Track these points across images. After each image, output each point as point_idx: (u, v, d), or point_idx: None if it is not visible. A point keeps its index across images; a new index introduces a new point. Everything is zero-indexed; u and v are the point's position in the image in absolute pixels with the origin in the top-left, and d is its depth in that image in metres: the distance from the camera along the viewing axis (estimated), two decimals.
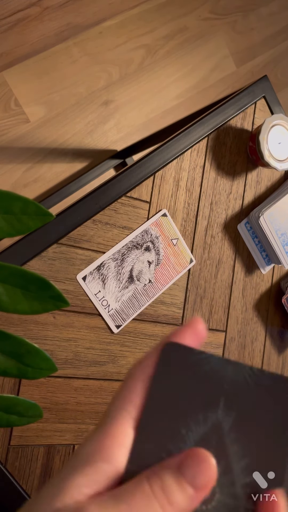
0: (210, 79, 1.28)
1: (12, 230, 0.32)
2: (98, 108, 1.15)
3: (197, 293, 0.63)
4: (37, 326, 0.52)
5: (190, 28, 1.25)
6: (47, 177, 1.10)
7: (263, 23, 1.35)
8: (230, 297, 0.66)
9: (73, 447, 0.54)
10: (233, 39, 1.31)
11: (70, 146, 1.12)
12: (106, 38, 1.15)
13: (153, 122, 1.21)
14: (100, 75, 1.15)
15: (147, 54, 1.20)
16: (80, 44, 1.13)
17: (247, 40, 1.33)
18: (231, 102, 0.64)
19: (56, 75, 1.11)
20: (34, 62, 1.09)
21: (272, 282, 0.70)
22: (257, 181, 0.67)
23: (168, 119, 1.22)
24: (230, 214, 0.65)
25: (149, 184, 0.58)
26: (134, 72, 1.19)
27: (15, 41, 1.07)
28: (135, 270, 0.58)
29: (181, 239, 0.61)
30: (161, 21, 1.21)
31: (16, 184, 1.07)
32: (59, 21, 1.11)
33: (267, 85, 0.66)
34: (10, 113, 1.07)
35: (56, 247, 0.53)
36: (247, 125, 0.66)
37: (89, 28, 1.14)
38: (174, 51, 1.23)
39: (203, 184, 0.63)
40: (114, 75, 1.17)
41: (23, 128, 1.08)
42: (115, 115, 1.17)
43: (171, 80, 1.23)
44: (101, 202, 0.55)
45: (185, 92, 1.25)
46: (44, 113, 1.10)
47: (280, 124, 0.62)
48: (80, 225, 0.54)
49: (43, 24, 1.09)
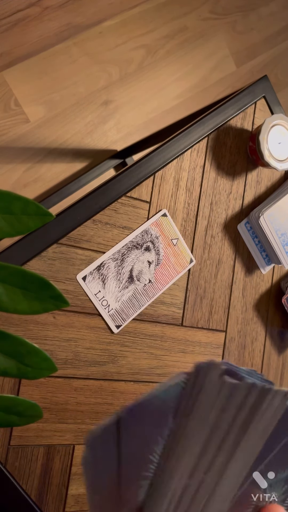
0: (210, 79, 1.28)
1: (12, 230, 0.32)
2: (98, 108, 1.15)
3: (197, 293, 0.63)
4: (37, 326, 0.52)
5: (190, 28, 1.25)
6: (47, 177, 1.10)
7: (263, 23, 1.35)
8: (230, 297, 0.66)
9: (73, 447, 0.54)
10: (233, 39, 1.31)
11: (70, 146, 1.12)
12: (106, 38, 1.15)
13: (153, 122, 1.21)
14: (100, 75, 1.15)
15: (147, 54, 1.20)
16: (80, 44, 1.13)
17: (247, 40, 1.33)
18: (231, 102, 0.64)
19: (56, 75, 1.11)
20: (34, 62, 1.09)
21: (272, 282, 0.70)
22: (257, 181, 0.67)
23: (168, 119, 1.22)
24: (230, 214, 0.65)
25: (149, 184, 0.58)
26: (134, 72, 1.19)
27: (15, 41, 1.07)
28: (135, 270, 0.58)
29: (181, 239, 0.61)
30: (161, 21, 1.21)
31: (16, 184, 1.07)
32: (59, 21, 1.11)
33: (267, 85, 0.66)
34: (10, 113, 1.07)
35: (56, 247, 0.53)
36: (247, 125, 0.66)
37: (89, 28, 1.14)
38: (174, 51, 1.23)
39: (203, 184, 0.63)
40: (114, 75, 1.17)
41: (23, 128, 1.08)
42: (115, 115, 1.17)
43: (171, 80, 1.23)
44: (101, 202, 0.55)
45: (185, 92, 1.25)
46: (44, 113, 1.10)
47: (280, 124, 0.62)
48: (80, 225, 0.54)
49: (43, 24, 1.09)
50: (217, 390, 0.22)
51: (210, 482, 0.22)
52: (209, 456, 0.22)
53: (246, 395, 0.22)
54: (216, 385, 0.22)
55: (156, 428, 0.23)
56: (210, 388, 0.22)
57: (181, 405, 0.23)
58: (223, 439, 0.22)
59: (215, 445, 0.22)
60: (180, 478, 0.22)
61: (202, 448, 0.22)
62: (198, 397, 0.22)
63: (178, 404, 0.23)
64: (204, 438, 0.22)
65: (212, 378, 0.22)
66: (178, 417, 0.23)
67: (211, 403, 0.22)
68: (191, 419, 0.23)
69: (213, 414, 0.22)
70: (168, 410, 0.23)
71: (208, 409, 0.22)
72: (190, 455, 0.22)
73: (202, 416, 0.22)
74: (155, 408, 0.22)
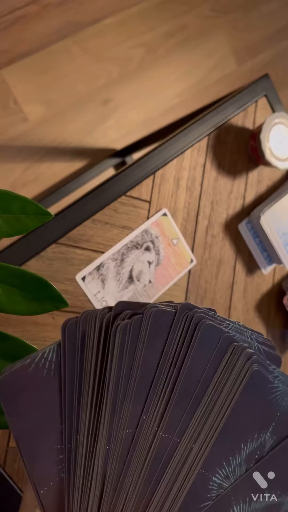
0: (211, 78, 1.28)
1: (11, 230, 0.31)
2: (97, 106, 1.15)
3: (197, 294, 0.62)
4: (36, 327, 0.51)
5: (190, 26, 1.24)
6: (46, 176, 1.09)
7: (264, 21, 1.35)
8: (231, 297, 0.65)
9: None
10: (234, 37, 1.30)
11: (70, 145, 1.12)
12: (105, 36, 1.15)
13: (153, 120, 1.20)
14: (100, 74, 1.15)
15: (147, 53, 1.19)
16: (79, 42, 1.12)
17: (248, 38, 1.33)
18: (232, 101, 0.63)
19: (55, 74, 1.10)
20: (33, 61, 1.08)
21: (273, 283, 0.69)
22: (258, 180, 0.67)
23: (168, 118, 1.21)
24: (231, 213, 0.65)
25: (149, 183, 0.58)
26: (134, 71, 1.18)
27: (14, 39, 1.06)
28: (135, 270, 0.57)
29: (182, 238, 0.61)
30: (161, 19, 1.20)
31: (15, 184, 1.06)
32: (59, 19, 1.10)
33: (268, 84, 0.66)
34: (9, 111, 1.06)
35: (55, 247, 0.52)
36: (248, 124, 0.65)
37: (89, 26, 1.13)
38: (175, 49, 1.23)
39: (204, 183, 0.62)
40: (114, 74, 1.16)
41: (22, 126, 1.07)
42: (114, 114, 1.16)
43: (172, 79, 1.23)
44: (100, 202, 0.55)
45: (185, 91, 1.25)
46: (43, 112, 1.09)
47: (282, 123, 0.61)
48: (79, 224, 0.53)
49: (42, 22, 1.08)
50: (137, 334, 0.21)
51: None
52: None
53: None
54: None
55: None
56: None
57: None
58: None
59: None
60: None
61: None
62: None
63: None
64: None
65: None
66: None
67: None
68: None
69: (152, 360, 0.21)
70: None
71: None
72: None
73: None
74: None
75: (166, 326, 0.22)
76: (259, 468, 0.20)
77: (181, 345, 0.21)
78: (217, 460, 0.20)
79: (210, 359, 0.21)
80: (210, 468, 0.20)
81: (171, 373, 0.21)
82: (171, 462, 0.20)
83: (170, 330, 0.22)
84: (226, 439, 0.20)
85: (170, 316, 0.22)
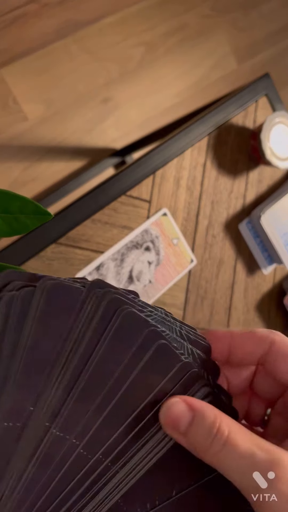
0: (211, 77, 1.27)
1: (10, 230, 0.31)
2: (97, 105, 1.14)
3: (198, 294, 0.62)
4: None
5: (190, 25, 1.24)
6: (45, 176, 1.09)
7: (264, 20, 1.34)
8: (231, 297, 0.65)
9: None
10: (234, 36, 1.30)
11: (69, 144, 1.11)
12: (105, 35, 1.14)
13: (153, 120, 1.20)
14: (100, 73, 1.14)
15: (147, 52, 1.19)
16: (79, 41, 1.12)
17: (248, 37, 1.32)
18: (232, 100, 0.63)
19: (55, 73, 1.10)
20: (33, 60, 1.08)
21: (274, 283, 0.69)
22: (258, 179, 0.66)
23: (168, 117, 1.21)
24: (231, 213, 0.64)
25: (149, 183, 0.58)
26: (133, 70, 1.18)
27: (13, 39, 1.06)
28: (135, 270, 0.57)
29: (182, 238, 0.60)
30: (161, 18, 1.20)
31: (14, 183, 1.06)
32: (58, 18, 1.10)
33: (269, 83, 0.65)
34: (8, 111, 1.06)
35: (54, 247, 0.52)
36: (248, 123, 0.65)
37: (89, 25, 1.13)
38: (175, 48, 1.22)
39: (204, 183, 0.62)
40: (114, 73, 1.16)
41: (22, 126, 1.07)
42: (114, 113, 1.16)
43: (172, 78, 1.23)
44: (100, 201, 0.54)
45: (185, 90, 1.24)
46: (42, 111, 1.09)
47: (282, 122, 0.61)
48: (79, 224, 0.53)
49: (42, 21, 1.08)
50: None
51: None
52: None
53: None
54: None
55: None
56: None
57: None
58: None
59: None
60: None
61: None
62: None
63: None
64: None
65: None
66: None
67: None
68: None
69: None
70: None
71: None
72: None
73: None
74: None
75: (66, 305, 0.18)
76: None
77: (91, 332, 0.18)
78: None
79: (131, 354, 0.18)
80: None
81: (75, 363, 0.18)
82: (69, 466, 0.18)
83: (73, 311, 0.18)
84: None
85: (72, 294, 0.18)
